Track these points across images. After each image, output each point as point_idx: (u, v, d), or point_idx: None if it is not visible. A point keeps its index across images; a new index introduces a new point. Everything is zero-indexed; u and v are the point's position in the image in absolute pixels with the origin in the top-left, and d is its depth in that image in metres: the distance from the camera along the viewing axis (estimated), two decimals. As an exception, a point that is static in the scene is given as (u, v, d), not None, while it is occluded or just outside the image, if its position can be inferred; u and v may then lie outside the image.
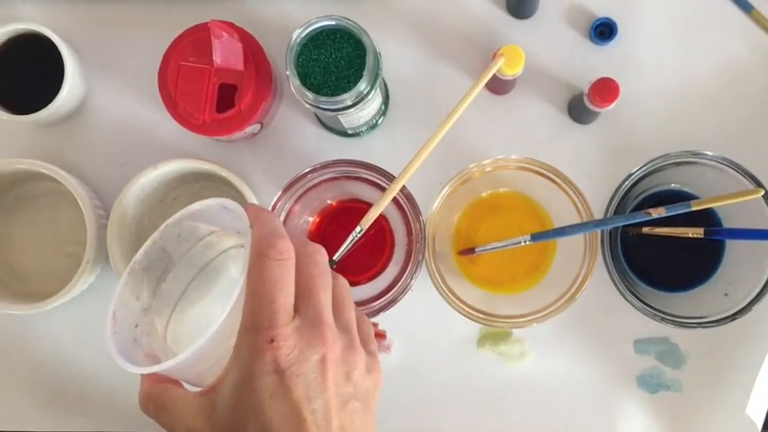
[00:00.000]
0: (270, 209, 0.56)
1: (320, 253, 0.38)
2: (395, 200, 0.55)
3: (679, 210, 0.53)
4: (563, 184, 0.57)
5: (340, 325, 0.38)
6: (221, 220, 0.40)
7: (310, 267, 0.37)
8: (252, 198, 0.61)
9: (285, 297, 0.35)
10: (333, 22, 0.54)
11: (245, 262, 0.36)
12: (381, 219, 0.62)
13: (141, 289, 0.40)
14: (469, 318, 0.57)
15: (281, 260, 0.35)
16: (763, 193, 0.53)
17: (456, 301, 0.57)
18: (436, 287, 0.57)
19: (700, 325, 0.58)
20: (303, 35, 0.54)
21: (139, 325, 0.40)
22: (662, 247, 0.63)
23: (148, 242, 0.40)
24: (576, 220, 0.57)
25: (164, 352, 0.40)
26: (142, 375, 0.38)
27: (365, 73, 0.53)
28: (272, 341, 0.34)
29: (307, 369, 0.35)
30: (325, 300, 0.37)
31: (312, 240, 0.62)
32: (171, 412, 0.36)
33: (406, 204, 0.56)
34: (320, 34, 0.55)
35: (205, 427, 0.35)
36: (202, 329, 0.34)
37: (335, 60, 0.55)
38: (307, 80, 0.55)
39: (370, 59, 0.54)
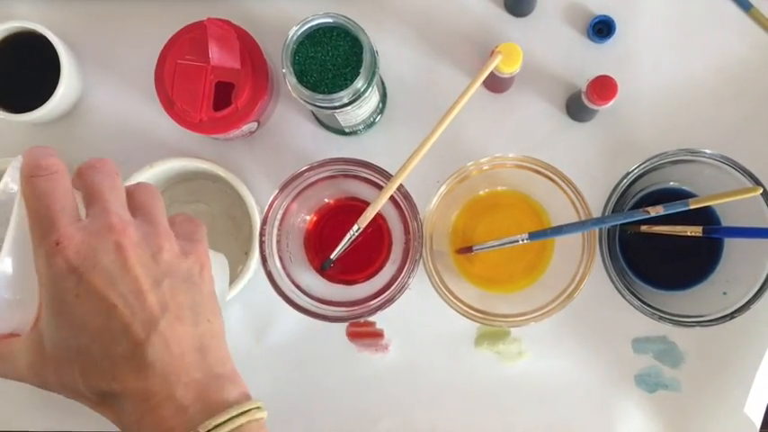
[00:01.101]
0: (267, 207, 0.56)
1: (102, 161, 0.39)
2: (392, 198, 0.55)
3: (677, 208, 0.53)
4: (561, 183, 0.57)
5: (138, 215, 0.39)
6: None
7: (91, 175, 0.39)
8: (248, 196, 0.61)
9: (61, 203, 0.36)
10: (330, 20, 0.54)
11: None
12: (379, 217, 0.62)
13: None
14: (467, 316, 0.57)
15: (49, 174, 0.37)
16: (761, 191, 0.53)
17: (453, 299, 0.57)
18: (434, 286, 0.57)
19: (698, 324, 0.57)
20: (300, 33, 0.54)
21: None
22: (660, 245, 0.63)
23: None
24: (574, 219, 0.57)
25: None
26: None
27: (362, 70, 0.53)
28: (57, 244, 0.35)
29: (102, 259, 0.36)
30: (112, 197, 0.38)
31: (310, 239, 0.63)
32: (8, 360, 0.37)
33: (404, 203, 0.56)
34: (317, 32, 0.54)
35: (38, 360, 0.36)
36: None
37: (332, 58, 0.54)
38: (303, 78, 0.54)
39: (366, 57, 0.53)
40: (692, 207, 0.53)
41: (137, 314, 0.36)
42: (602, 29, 0.64)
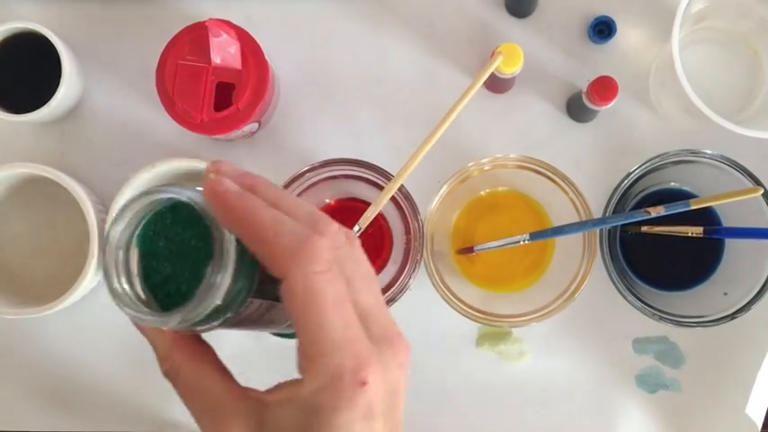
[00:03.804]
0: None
1: (348, 235, 0.31)
2: (393, 199, 0.55)
3: (678, 208, 0.53)
4: (562, 183, 0.57)
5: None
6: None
7: (349, 265, 0.30)
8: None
9: (351, 318, 0.29)
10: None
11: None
12: (380, 218, 0.62)
13: None
14: (468, 317, 0.57)
15: (327, 274, 0.29)
16: (762, 191, 0.53)
17: (455, 300, 0.57)
18: (435, 286, 0.57)
19: (699, 324, 0.58)
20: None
21: None
22: (661, 246, 0.63)
23: None
24: (575, 219, 0.57)
25: None
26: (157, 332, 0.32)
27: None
28: (363, 384, 0.28)
29: (386, 405, 0.29)
30: (378, 301, 0.31)
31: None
32: (200, 397, 0.31)
33: (405, 203, 0.56)
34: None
35: None
36: None
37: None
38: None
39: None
40: (692, 208, 0.53)
41: None
42: (602, 29, 0.64)
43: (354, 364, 0.28)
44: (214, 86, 0.58)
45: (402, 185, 0.54)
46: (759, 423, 0.63)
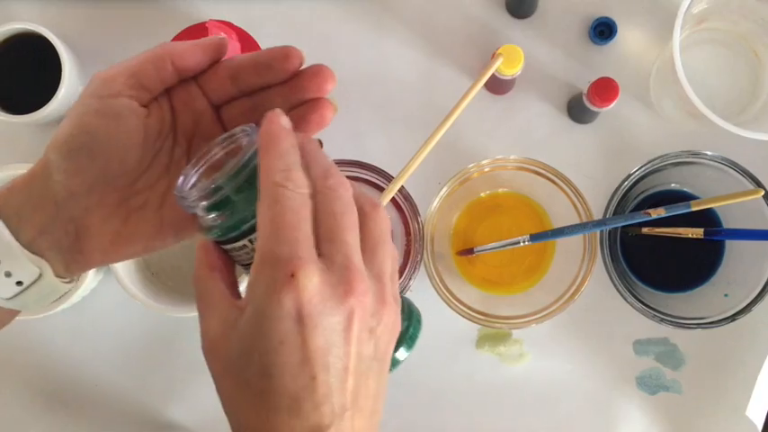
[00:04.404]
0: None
1: (343, 186, 0.32)
2: (393, 200, 0.55)
3: (679, 210, 0.53)
4: (562, 185, 0.57)
5: (371, 271, 0.32)
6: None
7: (333, 200, 0.32)
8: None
9: (304, 230, 0.30)
10: None
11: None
12: (380, 219, 0.62)
13: None
14: (468, 318, 0.57)
15: (300, 192, 0.31)
16: (762, 193, 0.53)
17: (455, 301, 0.57)
18: (435, 288, 0.57)
19: (699, 326, 0.57)
20: None
21: None
22: (661, 247, 0.62)
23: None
24: (576, 221, 0.57)
25: None
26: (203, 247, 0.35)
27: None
28: (292, 275, 0.29)
29: (328, 320, 0.30)
30: (353, 240, 0.32)
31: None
32: (207, 305, 0.33)
33: (405, 205, 0.56)
34: None
35: (222, 341, 0.32)
36: None
37: None
38: None
39: None
40: (693, 209, 0.53)
41: (331, 396, 0.30)
42: (603, 30, 0.64)
43: (288, 256, 0.30)
44: (214, 87, 0.58)
45: (402, 187, 0.54)
46: (759, 425, 0.62)
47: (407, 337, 0.39)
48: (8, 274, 0.37)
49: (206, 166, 0.36)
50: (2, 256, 0.36)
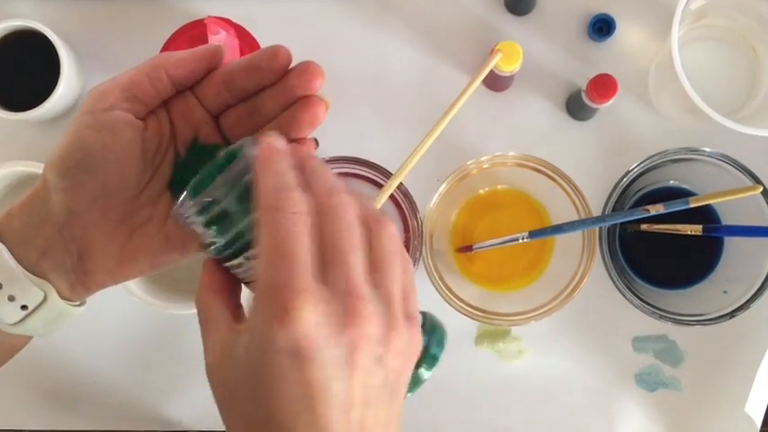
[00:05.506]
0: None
1: (346, 205, 0.31)
2: (392, 197, 0.55)
3: (677, 207, 0.53)
4: (561, 181, 0.57)
5: (378, 293, 0.31)
6: None
7: (334, 224, 0.30)
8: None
9: (303, 258, 0.29)
10: None
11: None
12: (379, 216, 0.62)
13: None
14: (467, 315, 0.57)
15: (297, 215, 0.30)
16: (761, 189, 0.53)
17: (454, 298, 0.57)
18: (434, 285, 0.57)
19: (698, 322, 0.57)
20: None
21: None
22: (660, 244, 0.62)
23: None
24: (575, 217, 0.57)
25: None
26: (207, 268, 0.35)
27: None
28: (288, 308, 0.28)
29: (327, 352, 0.29)
30: (355, 262, 0.30)
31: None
32: (208, 328, 0.33)
33: (404, 201, 0.56)
34: None
35: (221, 367, 0.31)
36: None
37: None
38: None
39: None
40: (692, 206, 0.53)
41: (332, 429, 0.29)
42: (602, 27, 0.64)
43: (283, 284, 0.28)
44: (213, 84, 0.58)
45: (401, 183, 0.54)
46: (758, 421, 0.63)
47: (429, 355, 0.36)
48: (11, 298, 0.36)
49: None
50: (4, 279, 0.36)
